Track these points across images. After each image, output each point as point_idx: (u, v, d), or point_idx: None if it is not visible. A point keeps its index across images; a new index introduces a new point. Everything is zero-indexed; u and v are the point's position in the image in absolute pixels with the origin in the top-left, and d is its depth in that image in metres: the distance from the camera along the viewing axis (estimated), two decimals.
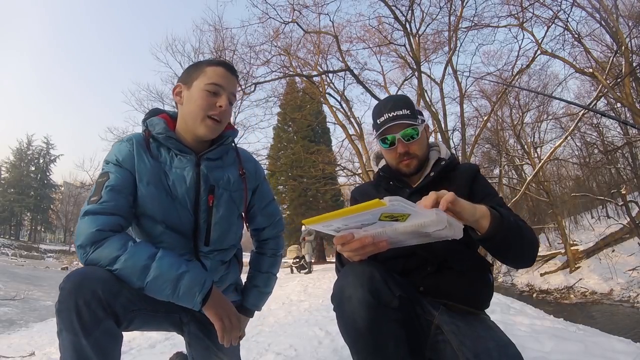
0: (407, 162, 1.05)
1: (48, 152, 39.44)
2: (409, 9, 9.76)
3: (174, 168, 1.00)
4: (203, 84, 1.00)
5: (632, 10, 9.71)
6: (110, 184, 0.93)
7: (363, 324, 0.76)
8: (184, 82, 1.04)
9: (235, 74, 1.08)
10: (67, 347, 0.78)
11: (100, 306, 0.78)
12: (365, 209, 0.62)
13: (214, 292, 0.92)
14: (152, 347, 2.96)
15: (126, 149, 0.98)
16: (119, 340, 0.85)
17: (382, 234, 0.73)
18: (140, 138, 1.01)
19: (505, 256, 0.87)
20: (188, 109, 1.02)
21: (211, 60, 1.07)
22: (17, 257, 21.41)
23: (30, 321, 5.45)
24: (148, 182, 0.96)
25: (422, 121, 1.07)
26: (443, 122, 11.01)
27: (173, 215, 0.98)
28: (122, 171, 0.96)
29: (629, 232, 10.48)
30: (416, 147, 1.05)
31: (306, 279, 9.16)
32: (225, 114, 1.03)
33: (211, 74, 1.01)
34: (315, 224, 0.68)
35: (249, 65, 11.44)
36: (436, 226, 0.69)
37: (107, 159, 0.99)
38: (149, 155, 0.99)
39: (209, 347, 1.11)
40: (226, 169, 1.08)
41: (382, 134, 1.04)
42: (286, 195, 23.04)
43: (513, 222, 0.82)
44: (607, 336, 2.34)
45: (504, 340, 0.87)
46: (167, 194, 0.98)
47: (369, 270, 0.80)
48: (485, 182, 1.07)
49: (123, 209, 0.93)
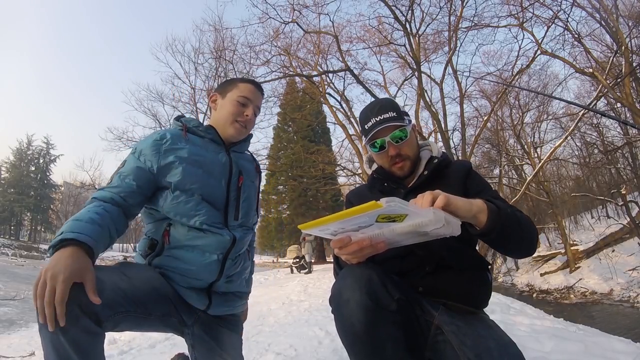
0: (399, 164, 1.05)
1: (48, 152, 39.41)
2: (409, 9, 9.77)
3: (209, 152, 1.17)
4: (235, 95, 1.22)
5: (632, 10, 9.72)
6: (121, 171, 1.07)
7: (361, 327, 0.76)
8: (220, 93, 1.26)
9: (262, 91, 1.29)
10: (47, 344, 0.79)
11: (75, 304, 0.77)
12: (361, 212, 0.61)
13: (68, 256, 0.79)
14: (152, 347, 2.96)
15: (150, 141, 1.10)
16: (99, 340, 0.84)
17: (379, 236, 0.73)
18: (176, 130, 1.17)
19: (505, 248, 0.87)
20: (220, 114, 1.23)
21: (244, 79, 1.30)
22: (17, 257, 21.40)
23: (30, 321, 5.44)
24: (187, 162, 1.10)
25: (409, 122, 1.07)
26: (443, 122, 11.02)
27: (208, 188, 1.12)
28: (136, 161, 1.08)
29: (629, 232, 10.49)
30: (407, 148, 1.05)
31: (306, 279, 9.17)
32: (250, 122, 1.24)
33: (242, 88, 1.23)
34: (311, 229, 0.67)
35: (249, 65, 11.49)
36: (434, 225, 0.68)
37: (132, 149, 1.13)
38: (187, 142, 1.15)
39: (213, 349, 1.12)
40: (247, 162, 1.29)
41: (372, 139, 1.04)
42: (286, 195, 23.05)
43: (510, 214, 0.82)
44: (607, 336, 2.34)
45: (505, 340, 0.87)
46: (203, 171, 1.12)
47: (367, 273, 0.79)
48: (478, 177, 1.07)
49: (125, 190, 1.04)
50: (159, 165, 1.08)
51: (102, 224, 0.91)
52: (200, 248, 1.08)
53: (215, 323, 1.17)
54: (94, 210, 0.94)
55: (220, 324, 1.18)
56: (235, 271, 1.17)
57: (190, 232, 1.08)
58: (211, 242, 1.09)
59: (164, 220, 1.11)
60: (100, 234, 0.89)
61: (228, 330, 1.20)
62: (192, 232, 1.08)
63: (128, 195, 1.04)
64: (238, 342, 1.25)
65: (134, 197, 1.05)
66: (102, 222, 0.91)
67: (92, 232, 0.86)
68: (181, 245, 1.08)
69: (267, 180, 22.68)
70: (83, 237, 0.83)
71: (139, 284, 0.95)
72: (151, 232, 1.14)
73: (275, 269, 18.72)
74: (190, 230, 1.08)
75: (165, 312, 1.02)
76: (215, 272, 1.09)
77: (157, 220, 1.13)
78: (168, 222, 1.10)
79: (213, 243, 1.09)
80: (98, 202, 0.99)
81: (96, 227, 0.88)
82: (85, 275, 0.78)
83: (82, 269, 0.79)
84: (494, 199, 0.86)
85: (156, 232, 1.12)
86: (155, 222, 1.14)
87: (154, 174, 1.08)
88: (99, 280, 0.84)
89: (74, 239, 0.82)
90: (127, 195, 1.04)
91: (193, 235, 1.08)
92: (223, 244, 1.10)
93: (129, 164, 1.08)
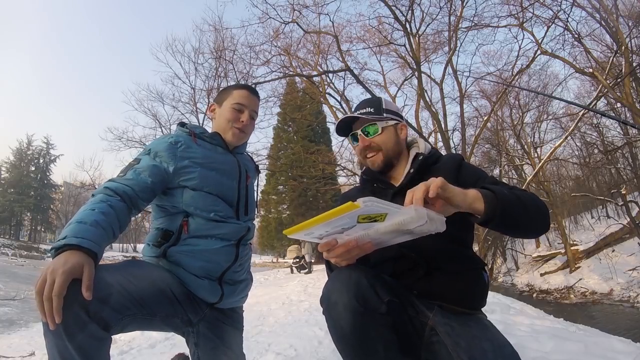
0: (371, 157, 1.07)
1: (48, 152, 39.36)
2: (409, 9, 9.77)
3: (219, 154, 1.25)
4: (230, 103, 1.28)
5: (632, 10, 9.71)
6: (137, 167, 1.10)
7: (349, 330, 0.76)
8: (217, 102, 1.33)
9: (257, 94, 1.34)
10: (52, 348, 0.79)
11: (83, 310, 0.77)
12: (340, 213, 0.62)
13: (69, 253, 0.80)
14: (152, 347, 2.97)
15: (166, 144, 1.15)
16: (105, 344, 0.84)
17: (365, 237, 0.72)
18: (187, 136, 1.23)
19: (516, 230, 0.86)
20: (218, 122, 1.30)
21: (238, 85, 1.36)
22: (17, 257, 21.39)
23: (30, 321, 5.44)
24: (202, 166, 1.17)
25: (391, 119, 1.08)
26: (443, 122, 11.02)
27: (223, 188, 1.20)
28: (152, 160, 1.12)
29: (629, 232, 10.49)
30: (378, 139, 1.06)
31: (306, 279, 9.18)
32: (248, 126, 1.29)
33: (237, 95, 1.28)
34: (296, 233, 0.67)
35: (249, 65, 11.48)
36: (417, 222, 0.68)
37: (144, 150, 1.16)
38: (198, 147, 1.22)
39: (218, 346, 1.15)
40: (248, 162, 1.38)
41: (351, 132, 1.11)
42: (286, 195, 23.05)
43: (509, 195, 0.80)
44: (607, 336, 2.34)
45: (500, 340, 0.86)
46: (217, 173, 1.20)
47: (355, 276, 0.79)
48: (472, 167, 1.06)
49: (139, 185, 1.06)
50: (175, 167, 1.13)
51: (105, 227, 0.90)
52: (218, 236, 1.16)
53: (220, 320, 1.19)
54: (100, 209, 0.93)
55: (224, 321, 1.20)
56: (245, 258, 1.26)
57: (209, 223, 1.15)
58: (229, 231, 1.18)
59: (180, 214, 1.14)
60: (104, 237, 0.89)
61: (231, 328, 1.23)
62: (210, 223, 1.15)
63: (141, 190, 1.06)
64: (240, 339, 1.28)
65: (146, 192, 1.08)
66: (106, 224, 0.91)
67: (95, 237, 0.86)
68: (200, 234, 1.14)
69: (267, 180, 22.69)
70: (86, 243, 0.82)
71: (145, 285, 0.95)
72: (164, 224, 1.16)
73: (275, 269, 18.73)
74: (209, 222, 1.15)
75: (169, 313, 1.03)
76: (232, 255, 1.18)
77: (172, 215, 1.15)
78: (185, 214, 1.14)
79: (231, 231, 1.18)
80: (106, 196, 0.99)
81: (99, 230, 0.88)
82: (84, 270, 0.78)
83: (82, 264, 0.79)
84: (492, 185, 0.84)
85: (171, 224, 1.15)
86: (169, 216, 1.16)
87: (169, 174, 1.13)
88: (106, 284, 0.84)
89: (77, 245, 0.81)
90: (141, 190, 1.06)
91: (212, 225, 1.15)
92: (239, 232, 1.21)
93: (144, 162, 1.11)
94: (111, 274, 0.89)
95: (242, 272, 1.25)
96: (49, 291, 0.73)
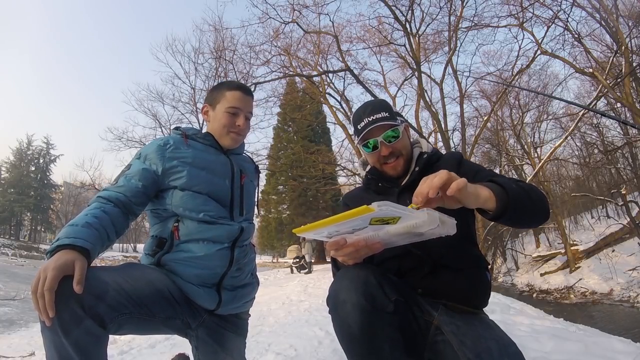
0: (392, 164, 1.06)
1: (48, 152, 39.36)
2: (409, 9, 9.77)
3: (211, 155, 1.23)
4: (224, 107, 1.23)
5: (632, 10, 9.71)
6: (127, 173, 1.11)
7: (357, 328, 0.76)
8: (210, 104, 1.28)
9: (251, 94, 1.30)
10: (49, 345, 0.79)
11: (79, 305, 0.78)
12: (354, 216, 0.62)
13: (62, 252, 0.82)
14: (152, 347, 2.97)
15: (154, 146, 1.15)
16: (102, 342, 0.84)
17: (374, 237, 0.73)
18: (177, 137, 1.22)
19: (522, 223, 0.88)
20: (213, 126, 1.26)
21: (230, 84, 1.28)
22: (17, 257, 21.38)
23: (30, 321, 5.44)
24: (191, 165, 1.16)
25: (401, 122, 1.08)
26: (443, 122, 11.02)
27: (213, 187, 1.17)
28: (142, 164, 1.13)
29: (629, 232, 10.49)
30: (400, 147, 1.06)
31: (306, 279, 9.17)
32: (244, 130, 1.27)
33: (230, 98, 1.24)
34: (306, 232, 0.67)
35: (249, 65, 11.50)
36: (429, 226, 0.68)
37: (136, 154, 1.17)
38: (188, 147, 1.20)
39: (217, 352, 1.15)
40: (246, 163, 1.35)
41: (364, 139, 1.06)
42: (286, 195, 23.07)
43: (517, 189, 0.81)
44: (607, 336, 2.34)
45: (505, 340, 0.87)
46: (207, 172, 1.18)
47: (363, 274, 0.79)
48: (471, 163, 1.08)
49: (130, 190, 1.07)
50: (163, 168, 1.13)
51: (98, 227, 0.92)
52: (210, 239, 1.13)
53: (220, 326, 1.18)
54: (92, 214, 0.96)
55: (225, 327, 1.19)
56: (243, 261, 1.22)
57: (200, 225, 1.12)
58: (221, 233, 1.14)
59: (171, 218, 1.14)
60: (96, 237, 0.90)
61: (233, 334, 1.21)
62: (202, 225, 1.13)
63: (133, 195, 1.07)
64: (242, 345, 1.26)
65: (138, 196, 1.09)
66: (98, 225, 0.93)
67: (87, 236, 0.88)
68: (191, 238, 1.12)
69: (267, 180, 22.69)
70: (79, 242, 0.85)
71: (142, 285, 0.95)
72: (158, 231, 1.15)
73: (275, 269, 18.73)
74: (200, 224, 1.13)
75: (170, 315, 1.02)
76: (226, 259, 1.14)
77: (164, 220, 1.15)
78: (176, 219, 1.13)
79: (223, 233, 1.15)
80: (100, 203, 1.02)
81: (92, 230, 0.90)
82: (75, 266, 0.79)
83: (73, 260, 0.80)
84: (495, 178, 0.85)
85: (163, 231, 1.14)
86: (162, 222, 1.15)
87: (158, 175, 1.13)
88: (102, 282, 0.84)
89: (70, 244, 0.83)
90: (133, 195, 1.07)
91: (203, 227, 1.13)
92: (232, 234, 1.17)
93: (134, 167, 1.12)
94: (108, 273, 0.90)
95: (242, 276, 1.22)
96: (41, 287, 0.75)
